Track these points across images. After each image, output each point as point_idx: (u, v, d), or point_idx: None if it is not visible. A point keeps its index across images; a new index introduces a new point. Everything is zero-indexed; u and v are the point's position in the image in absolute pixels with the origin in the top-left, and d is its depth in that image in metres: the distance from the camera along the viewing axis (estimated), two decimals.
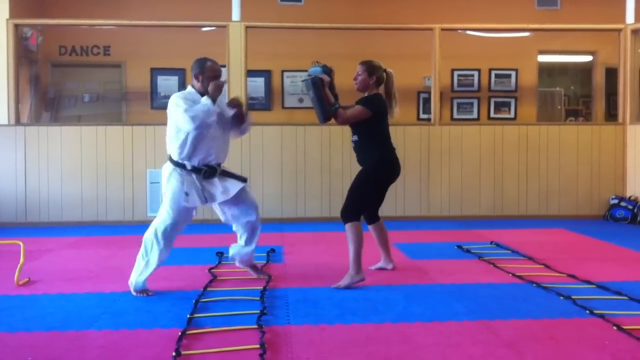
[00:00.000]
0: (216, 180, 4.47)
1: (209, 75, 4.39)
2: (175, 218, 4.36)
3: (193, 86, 4.47)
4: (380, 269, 5.05)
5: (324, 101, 4.50)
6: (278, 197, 7.96)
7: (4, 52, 7.69)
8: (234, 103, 4.58)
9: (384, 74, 4.73)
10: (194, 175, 4.40)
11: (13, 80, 7.71)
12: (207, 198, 4.43)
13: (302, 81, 4.65)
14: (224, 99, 4.65)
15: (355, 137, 4.73)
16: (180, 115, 4.24)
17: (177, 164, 4.41)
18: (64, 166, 7.73)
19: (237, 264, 4.88)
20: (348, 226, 4.54)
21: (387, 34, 8.80)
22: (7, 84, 7.69)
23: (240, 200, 4.60)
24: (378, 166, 4.67)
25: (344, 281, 4.49)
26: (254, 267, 4.91)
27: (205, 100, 4.28)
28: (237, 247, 4.81)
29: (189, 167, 4.39)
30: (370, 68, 4.69)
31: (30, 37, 8.57)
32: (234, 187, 4.51)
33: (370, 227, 5.02)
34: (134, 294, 4.33)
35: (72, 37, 9.35)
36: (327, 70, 4.59)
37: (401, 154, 7.90)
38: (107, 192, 7.76)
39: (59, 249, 6.16)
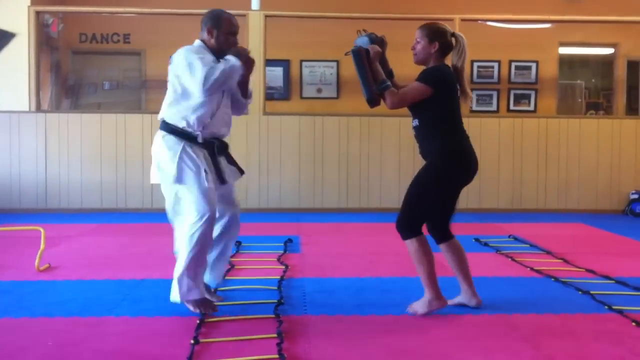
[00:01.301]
0: (222, 160, 3.75)
1: (226, 30, 3.68)
2: (211, 208, 3.54)
3: (204, 41, 3.73)
4: (460, 304, 3.81)
5: (369, 78, 3.61)
6: (296, 188, 7.97)
7: (25, 39, 7.75)
8: (242, 52, 3.67)
9: (452, 40, 3.69)
10: (204, 151, 3.63)
11: (34, 68, 7.78)
12: (221, 182, 3.70)
13: (346, 54, 3.74)
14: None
15: (416, 122, 3.69)
16: (190, 74, 3.47)
17: (184, 134, 3.57)
18: (84, 153, 7.79)
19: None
20: (407, 243, 3.64)
21: (407, 24, 8.64)
22: (29, 71, 7.76)
23: (227, 194, 3.83)
24: (444, 159, 3.58)
25: (421, 308, 3.64)
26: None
27: (233, 59, 3.55)
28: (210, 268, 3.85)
29: (200, 139, 3.59)
30: (432, 33, 3.66)
31: (51, 25, 8.61)
32: (234, 174, 3.85)
33: (440, 247, 3.83)
34: (191, 308, 3.62)
35: (92, 24, 9.39)
36: (376, 40, 3.76)
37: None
38: (126, 179, 7.82)
39: (79, 235, 6.21)
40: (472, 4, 9.16)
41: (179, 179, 3.54)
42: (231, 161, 3.81)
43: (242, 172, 3.90)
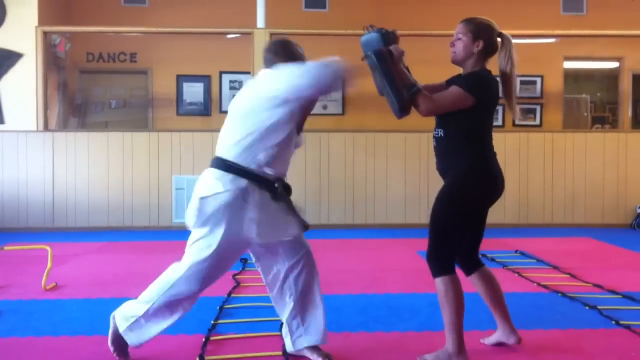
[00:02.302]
0: (282, 206, 3.09)
1: (297, 55, 3.36)
2: (203, 286, 3.08)
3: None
4: (499, 344, 3.37)
5: (398, 84, 2.99)
6: (301, 204, 7.94)
7: (33, 59, 7.82)
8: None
9: (497, 40, 3.20)
10: (266, 193, 3.01)
11: (42, 87, 7.84)
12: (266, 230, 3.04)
13: (363, 58, 3.17)
14: None
15: (440, 132, 3.14)
16: (313, 67, 3.06)
17: (248, 174, 2.95)
18: (91, 172, 7.82)
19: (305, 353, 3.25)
20: (436, 282, 3.11)
21: (411, 40, 8.72)
22: (36, 91, 7.83)
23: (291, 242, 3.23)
24: (471, 178, 3.07)
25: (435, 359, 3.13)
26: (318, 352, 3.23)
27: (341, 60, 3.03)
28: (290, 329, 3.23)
29: (270, 177, 3.02)
30: (478, 28, 3.14)
31: (58, 44, 8.70)
32: (295, 226, 3.18)
33: (470, 279, 3.37)
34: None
35: (99, 44, 9.48)
36: (388, 37, 3.10)
37: (425, 161, 7.90)
38: (133, 197, 7.84)
39: (85, 253, 6.23)
40: None
41: (210, 224, 2.96)
42: (291, 209, 3.15)
43: (304, 226, 3.22)
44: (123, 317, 3.12)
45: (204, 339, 3.42)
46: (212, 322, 3.77)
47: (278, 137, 3.00)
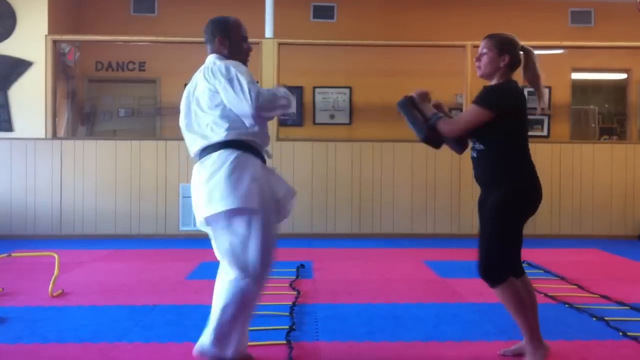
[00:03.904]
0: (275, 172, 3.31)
1: (237, 37, 3.26)
2: (272, 232, 3.10)
3: (220, 53, 3.27)
4: (518, 355, 3.36)
5: (419, 122, 3.31)
6: (308, 213, 7.97)
7: (42, 67, 7.88)
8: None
9: (520, 54, 3.30)
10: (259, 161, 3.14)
11: (51, 95, 7.89)
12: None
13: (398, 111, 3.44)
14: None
15: (481, 146, 3.24)
16: (244, 87, 2.99)
17: (240, 144, 3.06)
18: (99, 180, 7.85)
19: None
20: (497, 292, 3.21)
21: (418, 51, 8.80)
22: (45, 99, 7.88)
23: None
24: (517, 189, 3.21)
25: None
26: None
27: (285, 90, 3.15)
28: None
29: (258, 147, 3.16)
30: (503, 43, 3.25)
31: (67, 53, 8.76)
32: (290, 193, 3.36)
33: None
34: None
35: (108, 53, 9.54)
36: (403, 107, 3.38)
37: (432, 171, 7.91)
38: (140, 205, 7.86)
39: (92, 261, 6.25)
40: (484, 30, 9.17)
41: (246, 201, 2.97)
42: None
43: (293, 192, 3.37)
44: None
45: None
46: None
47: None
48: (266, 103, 3.01)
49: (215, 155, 3.04)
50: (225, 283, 3.06)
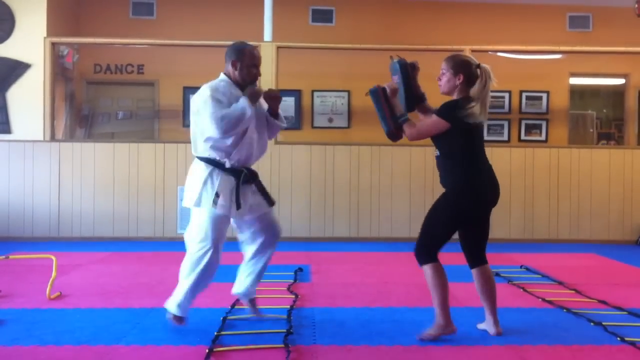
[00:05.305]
0: (252, 188, 3.92)
1: (248, 63, 3.81)
2: (214, 234, 3.77)
3: (228, 74, 3.87)
4: (483, 330, 3.94)
5: (387, 115, 3.80)
6: (306, 216, 7.97)
7: (40, 69, 7.87)
8: (272, 95, 3.93)
9: (477, 71, 3.76)
10: (231, 177, 3.79)
11: (49, 97, 7.89)
12: (237, 207, 3.79)
13: (366, 94, 3.94)
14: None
15: (437, 152, 3.84)
16: (206, 117, 3.65)
17: (211, 161, 3.78)
18: (97, 182, 7.85)
19: (240, 299, 4.27)
20: (424, 269, 3.77)
21: (417, 55, 8.73)
22: (44, 101, 7.87)
23: (265, 220, 4.06)
24: (457, 193, 3.74)
25: (431, 331, 3.74)
26: (252, 302, 4.23)
27: (243, 101, 3.69)
28: (241, 280, 4.20)
29: (228, 165, 3.77)
30: (457, 65, 3.76)
31: (66, 55, 8.76)
32: (264, 205, 4.00)
33: (472, 272, 3.95)
34: (168, 317, 3.94)
35: (107, 55, 9.54)
36: (404, 68, 3.88)
37: (430, 175, 7.91)
38: (138, 208, 7.86)
39: (90, 263, 6.24)
40: (483, 34, 9.24)
41: (197, 202, 3.75)
42: (260, 190, 3.97)
43: (271, 202, 4.03)
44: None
45: (207, 351, 3.42)
46: (215, 333, 3.76)
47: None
48: (228, 126, 3.65)
49: (195, 165, 3.89)
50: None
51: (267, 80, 7.85)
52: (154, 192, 7.87)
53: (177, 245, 7.37)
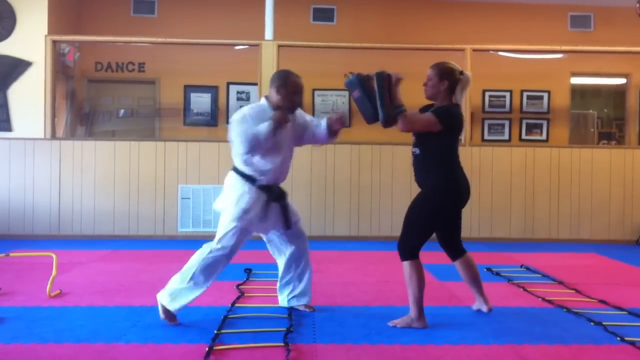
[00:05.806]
0: (275, 206, 4.13)
1: (291, 90, 4.17)
2: (232, 241, 4.01)
3: (269, 99, 4.20)
4: (478, 310, 4.38)
5: (387, 101, 3.89)
6: (306, 215, 7.93)
7: (42, 67, 7.88)
8: (338, 123, 4.32)
9: (460, 78, 4.08)
10: (262, 193, 4.05)
11: (50, 95, 7.89)
12: (265, 223, 4.09)
13: (345, 75, 4.29)
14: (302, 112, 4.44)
15: (417, 150, 4.09)
16: (234, 134, 3.98)
17: (244, 175, 4.06)
18: (98, 180, 7.85)
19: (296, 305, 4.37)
20: (403, 265, 3.99)
21: (418, 54, 8.78)
22: (44, 99, 7.87)
23: (293, 231, 4.29)
24: (436, 192, 3.98)
25: (401, 322, 3.99)
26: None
27: (263, 126, 3.94)
28: (287, 292, 4.37)
29: (259, 181, 4.05)
30: (442, 72, 4.05)
31: (67, 54, 8.76)
32: (275, 225, 4.20)
33: (455, 264, 4.35)
34: (161, 315, 4.00)
35: (108, 53, 9.53)
36: (381, 78, 3.99)
37: None
38: (139, 206, 7.86)
39: (90, 261, 6.24)
40: (484, 34, 9.24)
41: (227, 210, 4.01)
42: (284, 212, 4.15)
43: (287, 226, 4.19)
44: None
45: (207, 349, 3.42)
46: (216, 331, 3.76)
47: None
48: (250, 147, 3.93)
49: (231, 172, 4.16)
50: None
51: (268, 79, 7.82)
52: (154, 190, 7.88)
53: (177, 243, 7.40)
